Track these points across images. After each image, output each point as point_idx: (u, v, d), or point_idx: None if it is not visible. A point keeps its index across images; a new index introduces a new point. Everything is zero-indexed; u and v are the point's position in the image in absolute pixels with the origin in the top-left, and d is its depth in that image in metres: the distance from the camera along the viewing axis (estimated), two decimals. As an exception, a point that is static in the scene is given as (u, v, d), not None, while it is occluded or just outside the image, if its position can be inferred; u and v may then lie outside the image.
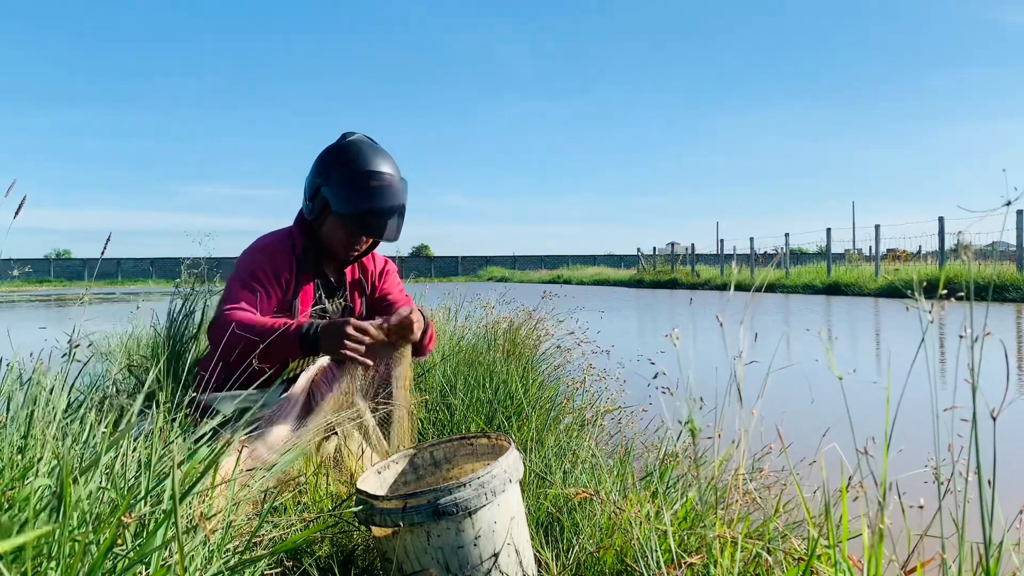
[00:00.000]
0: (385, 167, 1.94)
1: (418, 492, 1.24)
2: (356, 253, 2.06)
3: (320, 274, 2.04)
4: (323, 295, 2.06)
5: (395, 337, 1.82)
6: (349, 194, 1.90)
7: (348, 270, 2.13)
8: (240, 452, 1.28)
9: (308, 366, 2.00)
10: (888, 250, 18.70)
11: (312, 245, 2.01)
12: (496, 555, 1.28)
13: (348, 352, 1.67)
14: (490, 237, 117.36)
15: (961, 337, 0.82)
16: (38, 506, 0.89)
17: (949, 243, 15.00)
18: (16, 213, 1.18)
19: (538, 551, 1.42)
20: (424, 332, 1.91)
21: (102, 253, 1.55)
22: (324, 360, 1.79)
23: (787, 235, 20.18)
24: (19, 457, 1.05)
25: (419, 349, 1.94)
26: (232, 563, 1.02)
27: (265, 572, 1.16)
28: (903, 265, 16.33)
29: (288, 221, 2.10)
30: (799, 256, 24.10)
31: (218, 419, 1.27)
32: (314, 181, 1.96)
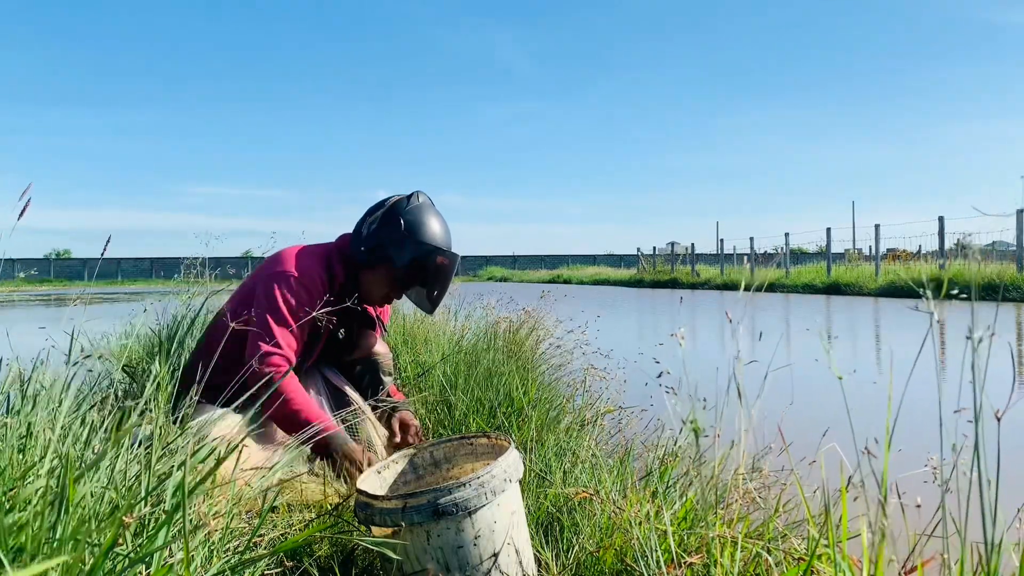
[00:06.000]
0: (453, 246, 2.06)
1: (418, 492, 1.24)
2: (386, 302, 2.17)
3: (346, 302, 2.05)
4: (343, 325, 2.09)
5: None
6: (418, 268, 2.00)
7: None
8: (240, 453, 1.28)
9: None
10: (888, 250, 18.72)
11: (352, 280, 2.06)
12: (496, 555, 1.28)
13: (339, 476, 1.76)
14: (490, 237, 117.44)
15: (968, 338, 0.82)
16: (39, 506, 0.89)
17: (949, 243, 15.02)
18: (20, 215, 1.18)
19: (538, 551, 1.42)
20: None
21: (102, 253, 1.55)
22: None
23: (787, 235, 20.18)
24: (20, 457, 1.05)
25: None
26: (233, 563, 1.02)
27: (265, 572, 1.16)
28: (903, 265, 16.33)
29: (287, 221, 2.12)
30: (799, 256, 24.09)
31: (217, 420, 1.27)
32: (379, 234, 2.00)
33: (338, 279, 2.03)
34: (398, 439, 2.03)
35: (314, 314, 1.81)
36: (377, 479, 1.52)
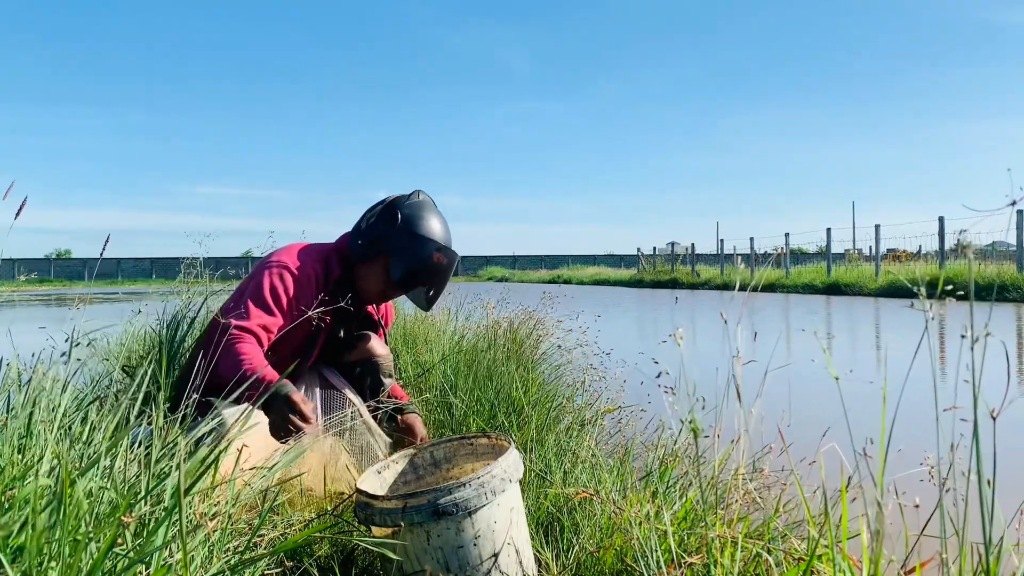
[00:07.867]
0: (452, 243, 2.04)
1: (418, 492, 1.24)
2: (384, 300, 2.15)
3: (342, 300, 2.04)
4: (341, 325, 2.08)
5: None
6: (416, 263, 1.98)
7: (371, 307, 2.19)
8: (240, 452, 1.28)
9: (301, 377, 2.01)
10: (888, 250, 18.71)
11: (348, 277, 2.05)
12: (496, 555, 1.28)
13: (281, 431, 1.69)
14: (490, 237, 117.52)
15: (963, 337, 0.82)
16: (38, 506, 0.89)
17: (949, 243, 15.01)
18: (17, 215, 1.18)
19: (538, 551, 1.42)
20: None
21: (102, 253, 1.55)
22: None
23: (787, 235, 20.18)
24: (19, 457, 1.05)
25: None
26: (233, 562, 1.02)
27: (265, 572, 1.16)
28: (903, 265, 16.32)
29: (286, 221, 2.12)
30: (799, 256, 24.08)
31: (217, 420, 1.27)
32: (379, 229, 2.00)
33: (333, 275, 2.02)
34: (417, 439, 2.03)
35: (310, 313, 1.80)
36: (377, 479, 1.52)
